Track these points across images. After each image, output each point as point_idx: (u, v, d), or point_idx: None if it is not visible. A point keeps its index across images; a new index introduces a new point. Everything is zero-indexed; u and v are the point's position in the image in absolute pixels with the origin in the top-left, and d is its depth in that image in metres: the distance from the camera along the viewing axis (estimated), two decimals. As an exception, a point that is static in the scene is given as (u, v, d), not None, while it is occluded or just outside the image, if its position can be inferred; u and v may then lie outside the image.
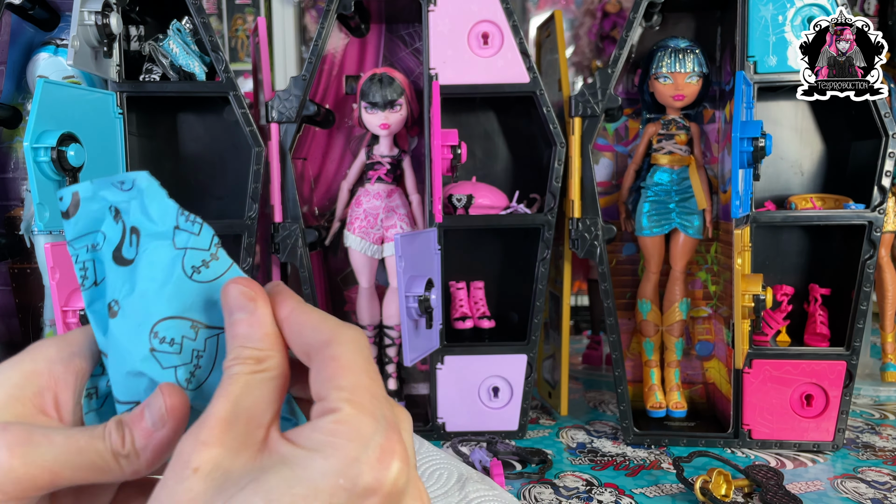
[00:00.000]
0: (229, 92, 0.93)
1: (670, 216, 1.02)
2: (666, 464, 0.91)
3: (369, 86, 0.98)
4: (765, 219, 0.94)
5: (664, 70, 0.98)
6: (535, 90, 0.95)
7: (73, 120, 0.77)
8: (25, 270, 0.99)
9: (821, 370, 0.93)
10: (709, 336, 1.10)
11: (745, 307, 0.88)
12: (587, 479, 0.86)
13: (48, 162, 0.71)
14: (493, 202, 1.01)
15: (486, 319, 1.06)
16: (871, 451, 0.95)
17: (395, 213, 1.04)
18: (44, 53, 0.95)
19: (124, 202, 0.33)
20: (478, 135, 1.12)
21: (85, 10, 0.79)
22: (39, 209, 0.71)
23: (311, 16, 2.09)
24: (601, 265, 0.97)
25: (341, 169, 1.13)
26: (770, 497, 0.76)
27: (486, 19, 0.95)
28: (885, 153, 0.91)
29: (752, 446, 0.96)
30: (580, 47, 1.60)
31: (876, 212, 0.91)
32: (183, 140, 1.05)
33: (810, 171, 1.04)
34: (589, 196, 0.97)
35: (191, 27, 0.94)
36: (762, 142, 0.84)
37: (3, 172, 0.98)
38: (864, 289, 0.92)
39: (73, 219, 0.33)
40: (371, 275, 1.06)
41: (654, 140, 1.03)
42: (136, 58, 0.97)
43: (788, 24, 0.91)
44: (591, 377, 1.34)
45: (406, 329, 0.84)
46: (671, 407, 1.03)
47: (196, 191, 1.05)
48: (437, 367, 0.99)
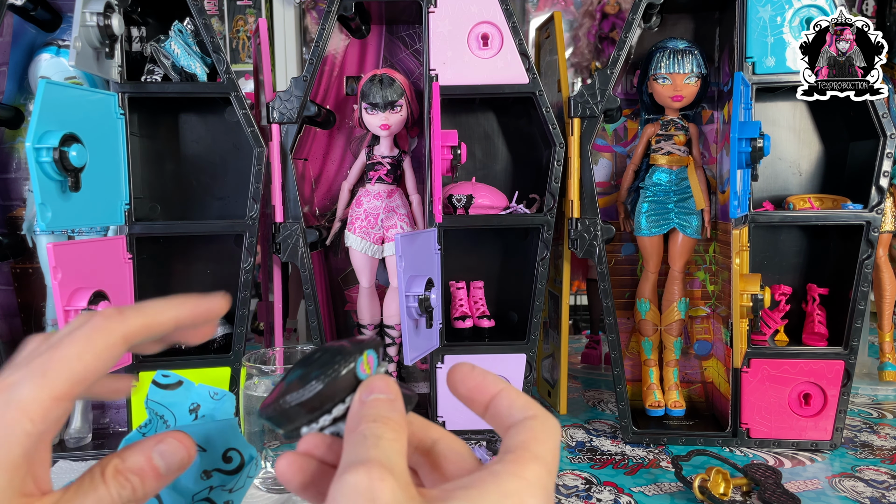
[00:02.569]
0: (230, 93, 0.93)
1: (669, 216, 1.02)
2: (665, 462, 0.92)
3: (370, 87, 0.99)
4: (763, 219, 0.94)
5: (663, 71, 0.99)
6: (535, 91, 0.96)
7: (75, 120, 0.77)
8: (27, 270, 1.00)
9: (819, 369, 0.94)
10: (707, 335, 1.11)
11: (744, 307, 0.89)
12: (586, 478, 0.87)
13: (50, 162, 0.72)
14: (492, 202, 1.02)
15: (486, 319, 1.07)
16: (868, 449, 0.95)
17: (396, 213, 1.05)
18: (46, 54, 0.95)
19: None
20: (477, 135, 1.13)
21: (87, 12, 0.80)
22: (41, 209, 0.72)
23: (312, 17, 2.09)
24: (600, 265, 0.97)
25: (342, 169, 1.13)
26: (768, 496, 0.76)
27: (485, 20, 0.96)
28: (883, 153, 0.91)
29: (751, 445, 0.96)
30: (579, 48, 1.61)
31: (874, 212, 0.91)
32: (184, 141, 1.05)
33: (808, 172, 1.05)
34: (588, 196, 0.98)
35: (192, 28, 0.95)
36: (760, 142, 0.84)
37: (6, 173, 0.98)
38: (861, 288, 0.93)
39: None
40: (371, 274, 1.07)
41: (653, 140, 1.03)
42: (138, 59, 0.97)
43: (787, 25, 0.92)
44: (590, 376, 1.34)
45: (406, 328, 0.84)
46: (670, 406, 1.04)
47: (197, 191, 1.06)
48: (437, 366, 1.00)
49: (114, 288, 0.85)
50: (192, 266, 1.07)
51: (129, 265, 0.91)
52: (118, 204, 0.90)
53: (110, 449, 0.95)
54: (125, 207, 0.91)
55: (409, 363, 0.86)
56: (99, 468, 0.31)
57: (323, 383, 0.30)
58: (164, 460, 0.32)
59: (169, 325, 0.34)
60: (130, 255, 0.91)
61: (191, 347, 1.00)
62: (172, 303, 0.34)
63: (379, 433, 0.28)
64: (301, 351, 0.87)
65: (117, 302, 0.84)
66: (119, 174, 0.90)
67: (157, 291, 1.03)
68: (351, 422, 0.29)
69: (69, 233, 0.96)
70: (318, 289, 1.00)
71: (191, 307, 0.35)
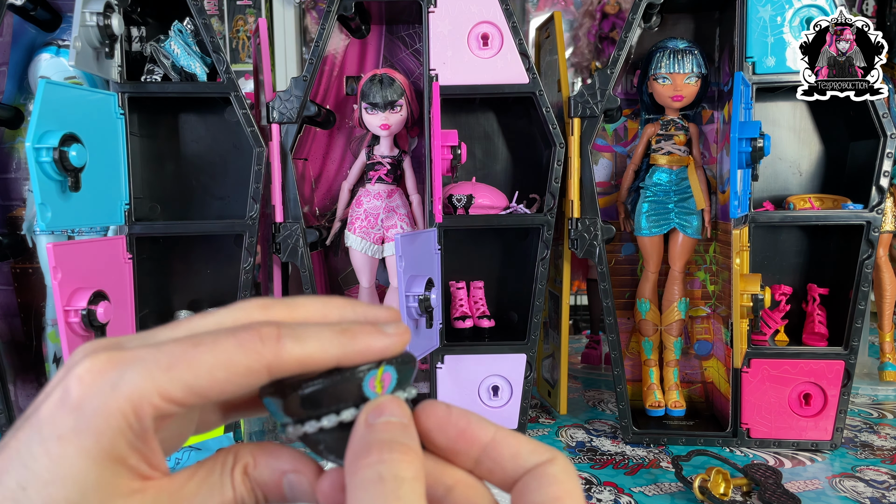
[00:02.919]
0: (230, 93, 0.93)
1: (669, 216, 1.02)
2: (665, 462, 0.92)
3: (370, 87, 0.99)
4: (763, 219, 0.94)
5: (663, 71, 0.99)
6: (535, 91, 0.96)
7: (74, 120, 0.77)
8: (27, 270, 1.00)
9: (819, 369, 0.94)
10: (707, 335, 1.11)
11: (744, 307, 0.88)
12: (586, 478, 0.87)
13: (50, 162, 0.72)
14: (492, 202, 1.02)
15: (486, 319, 1.07)
16: (869, 449, 0.95)
17: (396, 213, 1.04)
18: (45, 54, 0.95)
19: None
20: (478, 135, 1.13)
21: (87, 12, 0.80)
22: (41, 209, 0.72)
23: (312, 17, 2.09)
24: (600, 265, 0.97)
25: (342, 169, 1.13)
26: (768, 496, 0.76)
27: (485, 20, 0.96)
28: (883, 153, 0.91)
29: (751, 445, 0.96)
30: (579, 48, 1.61)
31: (874, 212, 0.91)
32: (184, 140, 1.05)
33: (808, 172, 1.05)
34: (588, 196, 0.98)
35: (192, 28, 0.95)
36: (760, 142, 0.84)
37: (5, 172, 0.98)
38: (862, 288, 0.93)
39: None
40: (371, 274, 1.07)
41: (653, 140, 1.03)
42: (138, 59, 0.97)
43: (787, 25, 0.92)
44: (590, 376, 1.34)
45: (406, 328, 0.84)
46: (670, 406, 1.04)
47: (197, 191, 1.06)
48: (437, 366, 1.00)
49: (114, 288, 0.85)
50: (192, 266, 1.07)
51: (128, 265, 0.91)
52: (118, 204, 0.90)
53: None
54: (125, 207, 0.91)
55: (409, 363, 0.86)
56: (231, 460, 0.27)
57: (323, 384, 0.27)
58: (292, 492, 0.28)
59: (329, 363, 0.26)
60: (130, 255, 0.91)
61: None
62: (336, 333, 0.26)
63: (399, 473, 0.24)
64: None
65: (117, 302, 0.84)
66: (119, 174, 0.90)
67: (157, 291, 1.03)
68: (357, 447, 0.25)
69: (69, 233, 0.96)
70: (318, 289, 1.00)
71: (361, 346, 0.27)
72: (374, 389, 0.28)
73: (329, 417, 0.27)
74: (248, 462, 0.28)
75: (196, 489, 0.26)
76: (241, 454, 0.28)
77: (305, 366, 0.26)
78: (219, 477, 0.27)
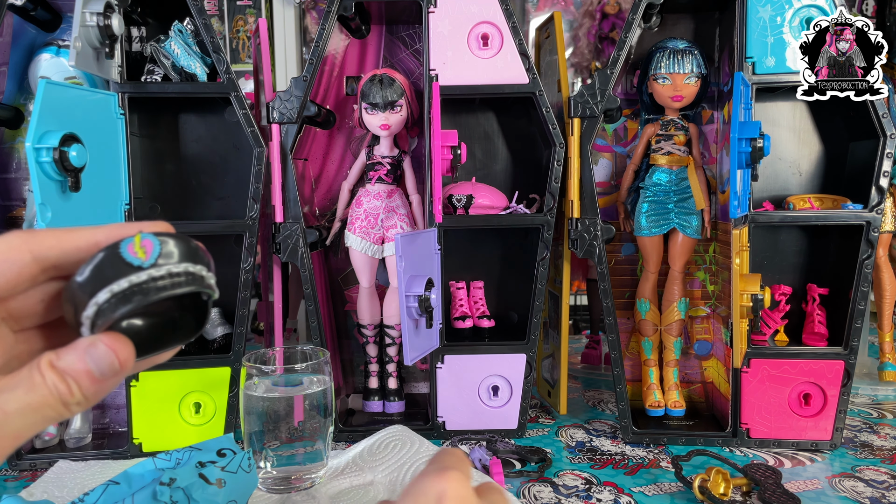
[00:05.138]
0: (230, 93, 0.93)
1: (669, 216, 1.02)
2: (665, 462, 0.92)
3: (370, 87, 0.99)
4: (763, 219, 0.94)
5: (663, 71, 0.99)
6: (535, 91, 0.96)
7: (75, 120, 0.77)
8: (27, 270, 1.00)
9: (819, 369, 0.94)
10: (707, 335, 1.11)
11: (744, 307, 0.89)
12: (586, 478, 0.87)
13: (50, 162, 0.72)
14: (492, 202, 1.02)
15: (486, 319, 1.07)
16: (868, 450, 0.95)
17: (396, 213, 1.05)
18: (46, 54, 0.95)
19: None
20: (478, 135, 1.13)
21: (87, 12, 0.80)
22: (41, 209, 0.72)
23: (312, 17, 2.09)
24: (600, 265, 0.97)
25: (342, 169, 1.13)
26: (768, 496, 0.76)
27: (485, 20, 0.96)
28: (883, 153, 0.91)
29: (751, 445, 0.96)
30: (579, 48, 1.61)
31: (874, 212, 0.92)
32: (184, 141, 1.05)
33: (808, 172, 1.05)
34: (588, 196, 0.98)
35: (192, 28, 0.95)
36: (760, 142, 0.84)
37: (6, 173, 0.98)
38: (861, 288, 0.93)
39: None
40: (371, 274, 1.07)
41: (653, 140, 1.03)
42: (138, 59, 0.97)
43: (787, 25, 0.92)
44: (590, 376, 1.34)
45: (406, 328, 0.84)
46: (670, 406, 1.04)
47: (197, 191, 1.06)
48: (437, 366, 1.00)
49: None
50: (192, 266, 1.07)
51: (129, 265, 0.91)
52: (118, 204, 0.90)
53: (110, 449, 0.95)
54: (125, 207, 0.91)
55: (410, 363, 0.86)
56: (36, 362, 0.32)
57: (87, 264, 0.30)
58: (97, 365, 0.31)
59: (87, 246, 0.33)
60: (130, 255, 0.91)
61: (191, 347, 1.00)
62: (91, 226, 0.34)
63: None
64: (301, 351, 0.87)
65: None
66: (119, 174, 0.90)
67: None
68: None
69: (69, 233, 0.96)
70: (318, 289, 1.00)
71: (110, 228, 0.34)
72: (137, 255, 0.30)
73: (103, 293, 0.30)
74: (50, 356, 0.32)
75: (6, 383, 0.31)
76: (44, 353, 0.32)
77: (64, 248, 0.33)
78: (27, 371, 0.31)
